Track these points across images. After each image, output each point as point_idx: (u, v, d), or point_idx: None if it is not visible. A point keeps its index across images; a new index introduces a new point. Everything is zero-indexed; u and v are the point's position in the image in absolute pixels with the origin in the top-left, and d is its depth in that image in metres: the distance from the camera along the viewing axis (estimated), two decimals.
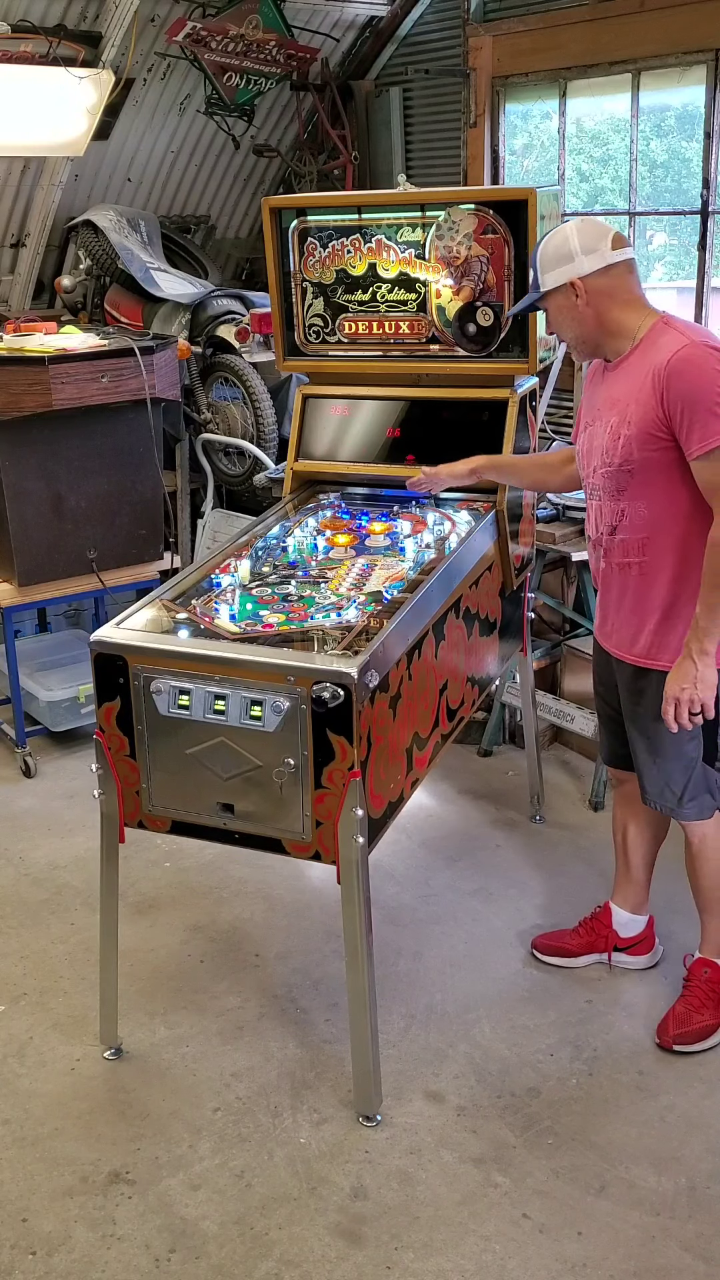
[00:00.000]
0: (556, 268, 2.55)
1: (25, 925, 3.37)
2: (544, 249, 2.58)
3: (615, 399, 2.55)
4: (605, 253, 2.52)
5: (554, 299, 2.59)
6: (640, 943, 3.08)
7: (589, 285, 2.53)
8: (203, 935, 3.30)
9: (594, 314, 2.54)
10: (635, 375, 2.50)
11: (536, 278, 2.60)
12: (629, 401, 2.50)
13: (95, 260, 5.31)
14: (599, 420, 2.61)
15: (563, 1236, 2.32)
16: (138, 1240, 2.33)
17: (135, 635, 2.57)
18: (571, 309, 2.56)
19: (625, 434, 2.50)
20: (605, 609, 2.75)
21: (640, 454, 2.49)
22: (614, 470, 2.55)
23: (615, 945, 3.07)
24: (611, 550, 2.64)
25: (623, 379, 2.54)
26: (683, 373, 2.39)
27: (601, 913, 3.10)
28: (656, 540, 2.55)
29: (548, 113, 5.17)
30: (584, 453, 2.70)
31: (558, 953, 3.10)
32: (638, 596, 2.62)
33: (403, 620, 2.57)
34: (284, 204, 3.37)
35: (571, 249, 2.53)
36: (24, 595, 4.21)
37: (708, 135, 4.44)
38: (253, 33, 5.26)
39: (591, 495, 2.69)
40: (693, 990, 2.86)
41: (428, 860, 3.66)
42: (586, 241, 2.53)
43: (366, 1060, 2.54)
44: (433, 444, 3.29)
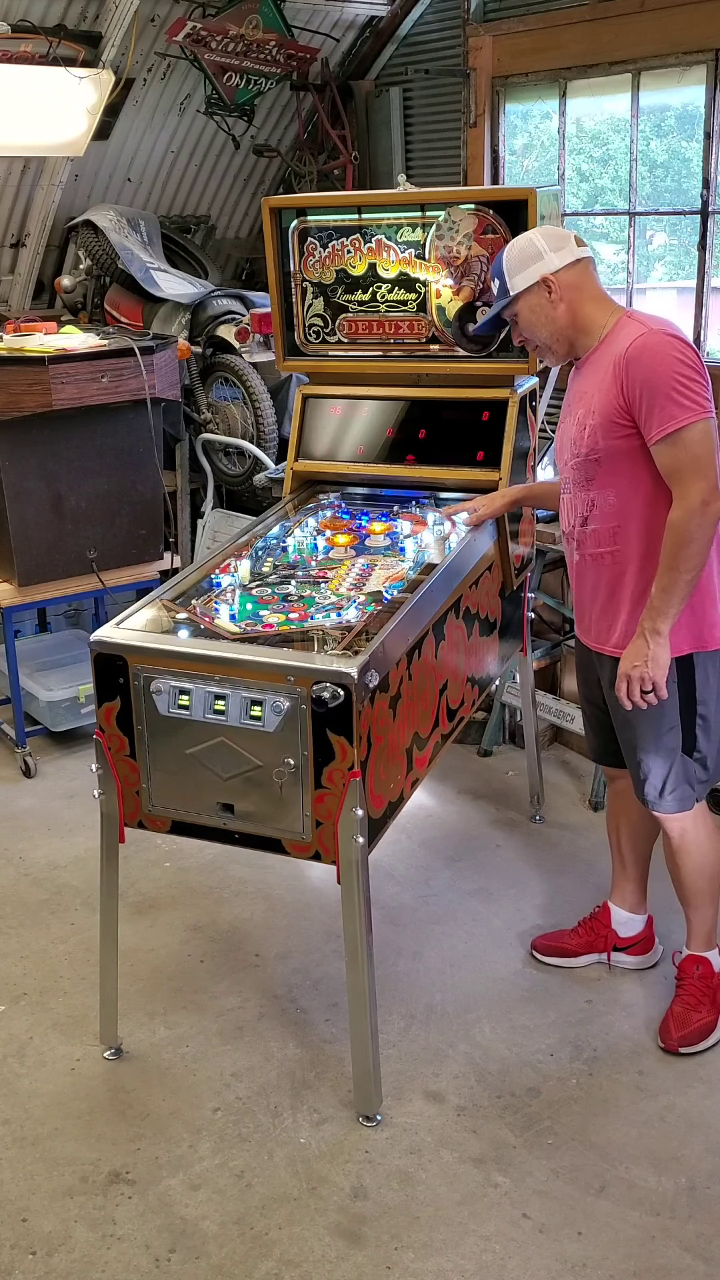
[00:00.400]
0: (525, 269, 2.59)
1: (25, 925, 3.37)
2: (507, 255, 2.63)
3: (583, 392, 2.59)
4: (572, 248, 2.59)
5: (525, 300, 2.61)
6: (639, 942, 3.08)
7: (561, 281, 2.57)
8: (203, 935, 3.30)
9: (567, 310, 2.59)
10: (600, 368, 2.54)
11: (503, 285, 2.63)
12: (594, 393, 2.54)
13: (95, 260, 5.31)
14: (569, 415, 2.66)
15: (563, 1236, 2.32)
16: (138, 1240, 2.33)
17: (135, 635, 2.57)
18: (544, 308, 2.60)
19: (590, 424, 2.54)
20: (581, 603, 2.77)
21: (605, 442, 2.53)
22: (582, 460, 2.59)
23: (615, 945, 3.07)
24: (584, 541, 2.67)
25: (590, 373, 2.59)
26: (640, 359, 2.44)
27: (600, 912, 3.10)
28: (625, 528, 2.58)
29: (548, 113, 5.17)
30: (557, 448, 2.75)
31: (557, 953, 3.10)
32: (611, 586, 2.64)
33: (403, 620, 2.57)
34: (284, 204, 3.37)
35: (539, 248, 2.58)
36: (24, 595, 4.21)
37: (708, 135, 4.44)
38: (253, 33, 5.27)
39: (564, 489, 2.73)
40: (686, 989, 2.85)
41: (428, 860, 3.66)
42: (551, 240, 2.60)
43: (366, 1060, 2.54)
44: (433, 444, 3.29)
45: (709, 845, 2.78)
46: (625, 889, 3.07)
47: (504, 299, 2.65)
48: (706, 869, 2.80)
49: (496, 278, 2.66)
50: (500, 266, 2.64)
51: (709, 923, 2.85)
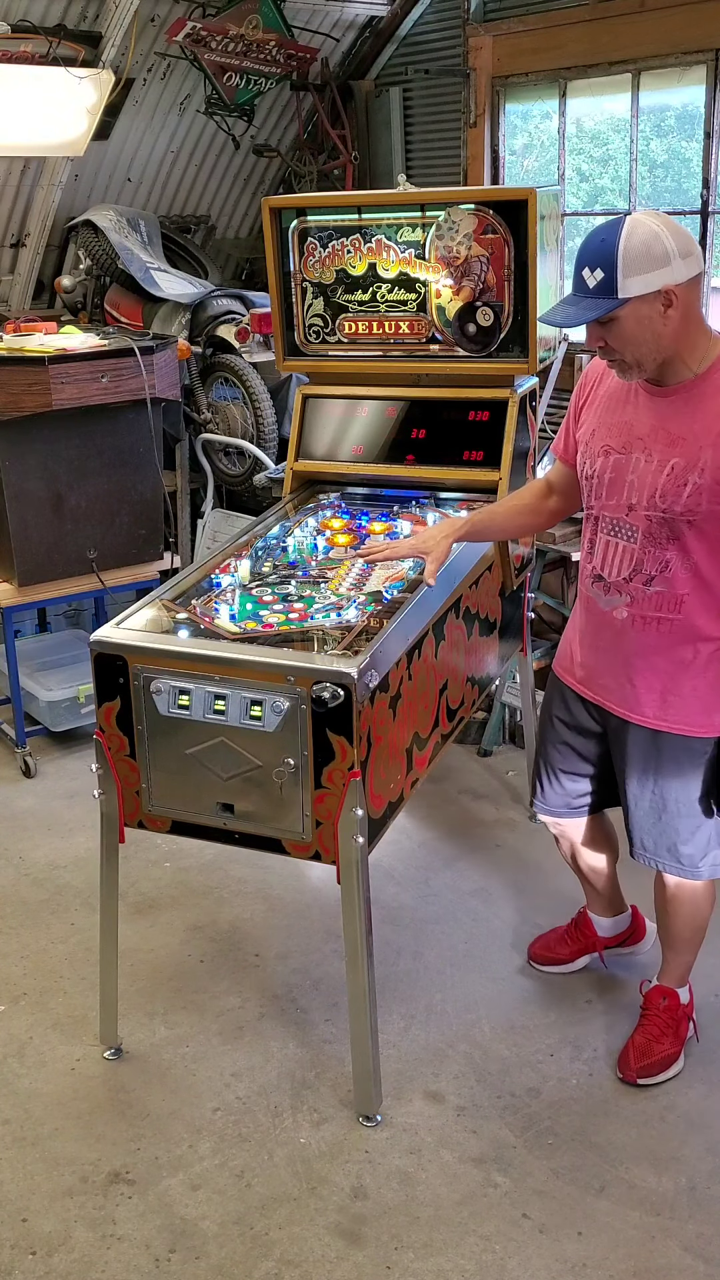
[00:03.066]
0: (646, 270, 2.12)
1: (25, 925, 3.37)
2: (627, 246, 2.11)
3: (674, 435, 2.23)
4: (698, 257, 2.18)
5: (635, 308, 2.15)
6: (631, 934, 3.07)
7: (681, 295, 2.15)
8: (203, 935, 3.30)
9: (676, 331, 2.18)
10: (707, 412, 2.18)
11: (609, 281, 2.13)
12: (700, 444, 2.19)
13: (95, 260, 5.31)
14: (640, 451, 2.28)
15: (563, 1236, 2.32)
16: (138, 1240, 2.33)
17: (135, 635, 2.57)
18: (654, 322, 2.16)
19: (695, 481, 2.20)
20: (605, 660, 2.48)
21: (710, 506, 2.21)
22: (670, 518, 2.25)
23: (606, 945, 3.06)
24: (640, 600, 2.35)
25: (683, 412, 2.22)
26: None
27: (581, 921, 3.06)
28: (696, 597, 2.30)
29: (548, 113, 5.17)
30: (605, 481, 2.36)
31: (552, 962, 3.07)
32: (664, 653, 2.36)
33: (403, 620, 2.57)
34: (284, 204, 3.37)
35: (667, 249, 2.12)
36: (24, 595, 4.21)
37: (708, 135, 4.45)
38: (253, 33, 5.26)
39: (614, 532, 2.37)
40: (650, 1019, 2.75)
41: (428, 860, 3.66)
42: (682, 242, 2.15)
43: (366, 1060, 2.54)
44: (433, 444, 3.29)
45: (705, 896, 2.67)
46: (601, 903, 3.02)
47: (607, 299, 2.15)
48: (697, 918, 2.69)
49: (600, 269, 2.14)
50: (610, 256, 2.12)
51: (686, 965, 2.77)
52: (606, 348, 2.22)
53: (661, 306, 2.14)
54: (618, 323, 2.17)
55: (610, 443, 2.33)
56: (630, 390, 2.31)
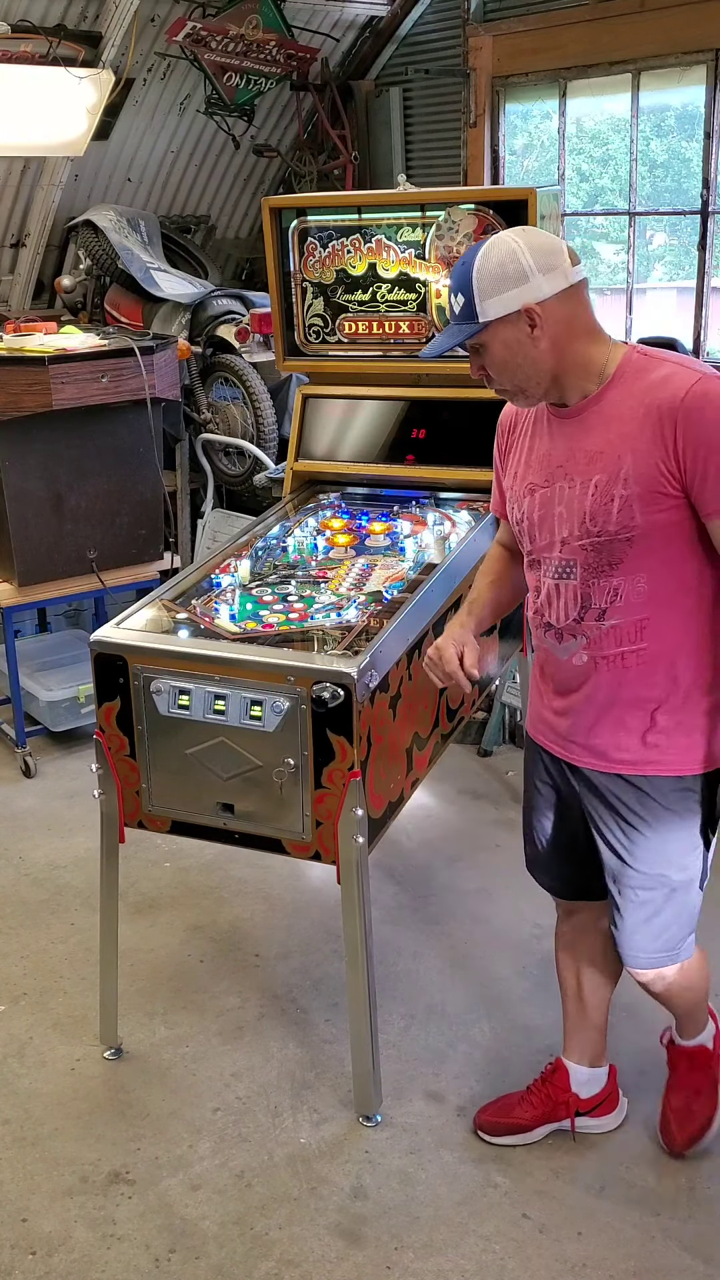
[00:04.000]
0: (502, 291, 1.98)
1: (25, 925, 3.37)
2: (481, 268, 1.99)
3: (594, 452, 2.02)
4: (566, 270, 1.99)
5: (498, 332, 2.01)
6: (605, 1100, 2.57)
7: (549, 313, 1.98)
8: (203, 935, 3.30)
9: (553, 349, 2.01)
10: (622, 419, 1.99)
11: (470, 306, 2.01)
12: (620, 453, 1.98)
13: (95, 260, 5.31)
14: (563, 480, 2.07)
15: (563, 1236, 2.32)
16: (138, 1240, 2.33)
17: (135, 635, 2.57)
18: (524, 345, 2.00)
19: (622, 494, 1.98)
20: (572, 713, 2.19)
21: (644, 517, 1.98)
22: (606, 541, 2.03)
23: (577, 1110, 2.54)
24: (600, 640, 2.09)
25: (598, 427, 2.02)
26: (704, 413, 1.91)
27: (556, 1075, 2.55)
28: (658, 619, 2.06)
29: (548, 113, 5.18)
30: (535, 521, 2.13)
31: (508, 1130, 2.54)
32: (634, 691, 2.10)
33: (403, 620, 2.58)
34: (284, 204, 3.37)
35: (523, 266, 1.97)
36: (24, 595, 4.21)
37: (708, 135, 4.45)
38: (253, 33, 5.27)
39: (556, 574, 2.12)
40: (681, 1076, 2.51)
41: (428, 860, 3.66)
42: (541, 256, 1.98)
43: (366, 1060, 2.54)
44: (433, 444, 3.29)
45: (701, 974, 2.38)
46: (585, 1041, 2.54)
47: (467, 325, 2.02)
48: (697, 992, 2.41)
49: (460, 294, 2.01)
50: (467, 280, 2.00)
51: (701, 1019, 2.51)
52: (488, 376, 2.09)
53: (527, 327, 1.98)
54: (488, 350, 2.04)
55: (533, 480, 2.14)
56: (542, 421, 2.14)
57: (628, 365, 2.02)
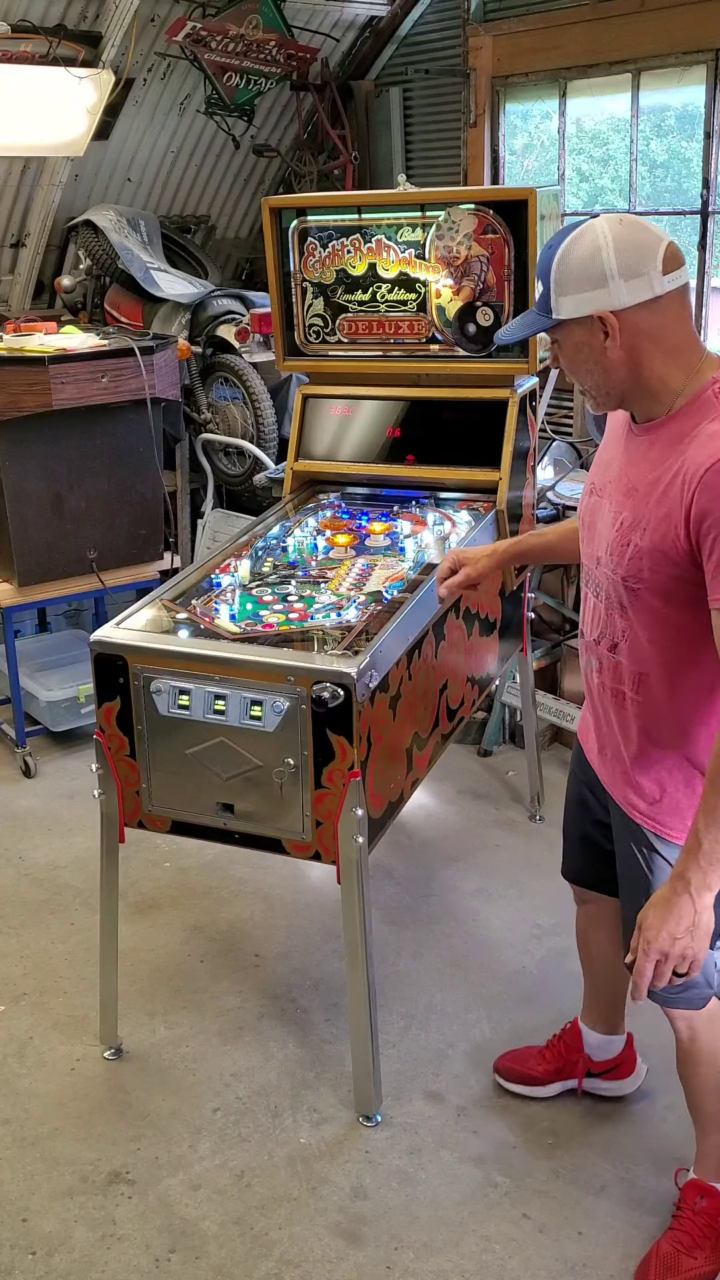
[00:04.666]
0: (579, 290, 1.81)
1: (25, 925, 3.37)
2: (564, 259, 1.83)
3: (633, 484, 1.89)
4: (654, 278, 1.79)
5: (571, 332, 1.86)
6: (619, 1065, 2.63)
7: (626, 323, 1.80)
8: (203, 935, 3.30)
9: (627, 361, 1.84)
10: (663, 459, 1.83)
11: (546, 297, 1.86)
12: (648, 498, 1.84)
13: (95, 260, 5.31)
14: (608, 497, 1.96)
15: (563, 1236, 2.32)
16: (138, 1240, 2.33)
17: (135, 635, 2.57)
18: (594, 350, 1.84)
19: (636, 543, 1.86)
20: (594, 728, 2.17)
21: (651, 575, 1.86)
22: (618, 580, 1.92)
23: (589, 1070, 2.63)
24: (604, 668, 2.04)
25: (647, 456, 1.87)
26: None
27: (570, 1033, 2.66)
28: (653, 680, 1.94)
29: (548, 113, 5.18)
30: (586, 526, 2.05)
31: (521, 1079, 2.66)
32: (628, 735, 2.04)
33: (403, 620, 2.57)
34: (284, 204, 3.37)
35: (605, 268, 1.79)
36: (24, 595, 4.21)
37: (708, 135, 4.45)
38: (253, 33, 5.27)
39: (589, 585, 2.06)
40: (683, 1224, 2.23)
41: (428, 860, 3.66)
42: (628, 260, 1.78)
43: (366, 1060, 2.54)
44: (433, 444, 3.29)
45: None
46: (599, 1010, 2.61)
47: (541, 317, 1.89)
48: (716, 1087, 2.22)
49: (540, 282, 1.87)
50: (548, 269, 1.85)
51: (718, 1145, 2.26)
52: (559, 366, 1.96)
53: (601, 334, 1.82)
54: (560, 345, 1.90)
55: (595, 481, 2.03)
56: (621, 424, 1.99)
57: (700, 400, 1.82)
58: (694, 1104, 2.26)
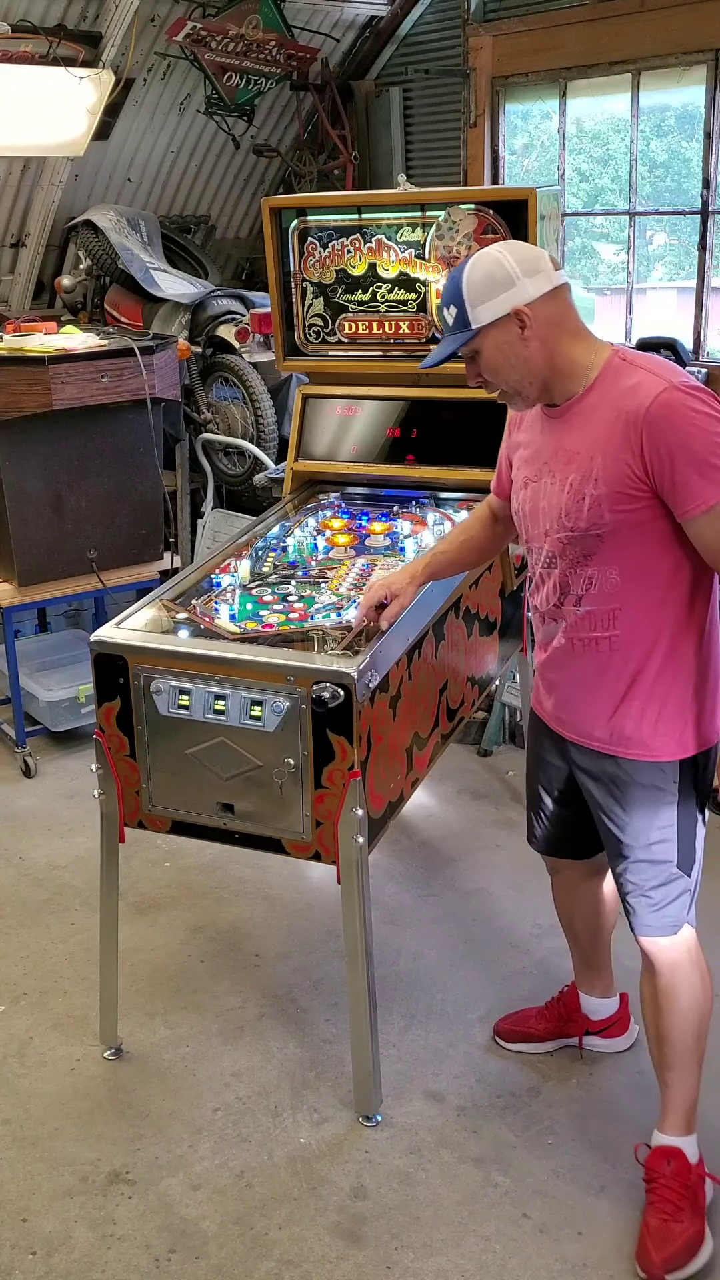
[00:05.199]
0: (491, 297, 2.09)
1: (25, 925, 3.37)
2: (469, 278, 2.12)
3: (571, 452, 2.14)
4: (549, 273, 2.11)
5: (491, 336, 2.12)
6: (614, 1024, 2.78)
7: (537, 314, 2.09)
8: (203, 935, 3.30)
9: (543, 349, 2.11)
10: (596, 423, 2.10)
11: (462, 316, 2.12)
12: (593, 454, 2.10)
13: (95, 260, 5.31)
14: (547, 476, 2.20)
15: (563, 1236, 2.32)
16: (138, 1240, 2.33)
17: (135, 635, 2.57)
18: (515, 346, 2.11)
19: (592, 494, 2.10)
20: (556, 688, 2.34)
21: (613, 515, 2.09)
22: (579, 535, 2.14)
23: (586, 1029, 2.78)
24: (575, 623, 2.22)
25: (577, 427, 2.14)
26: (670, 422, 2.00)
27: (568, 995, 2.80)
28: (630, 611, 2.16)
29: (548, 113, 5.18)
30: (526, 514, 2.27)
31: (521, 1039, 2.81)
32: (606, 676, 2.22)
33: (403, 620, 2.57)
34: (284, 204, 3.37)
35: (509, 272, 2.09)
36: (24, 595, 4.21)
37: (708, 135, 4.45)
38: (253, 33, 5.27)
39: (539, 562, 2.27)
40: (659, 1193, 2.29)
41: (428, 860, 3.66)
42: (525, 262, 2.11)
43: (366, 1060, 2.54)
44: (433, 444, 3.29)
45: (702, 989, 2.31)
46: (591, 977, 2.76)
47: (462, 333, 2.14)
48: (694, 1021, 2.30)
49: (453, 305, 2.14)
50: (458, 291, 2.13)
51: (690, 1096, 2.32)
52: (485, 382, 2.21)
53: (518, 328, 2.10)
54: (482, 354, 2.16)
55: (527, 474, 2.27)
56: (537, 420, 2.26)
57: (609, 369, 2.12)
58: (666, 1044, 2.32)
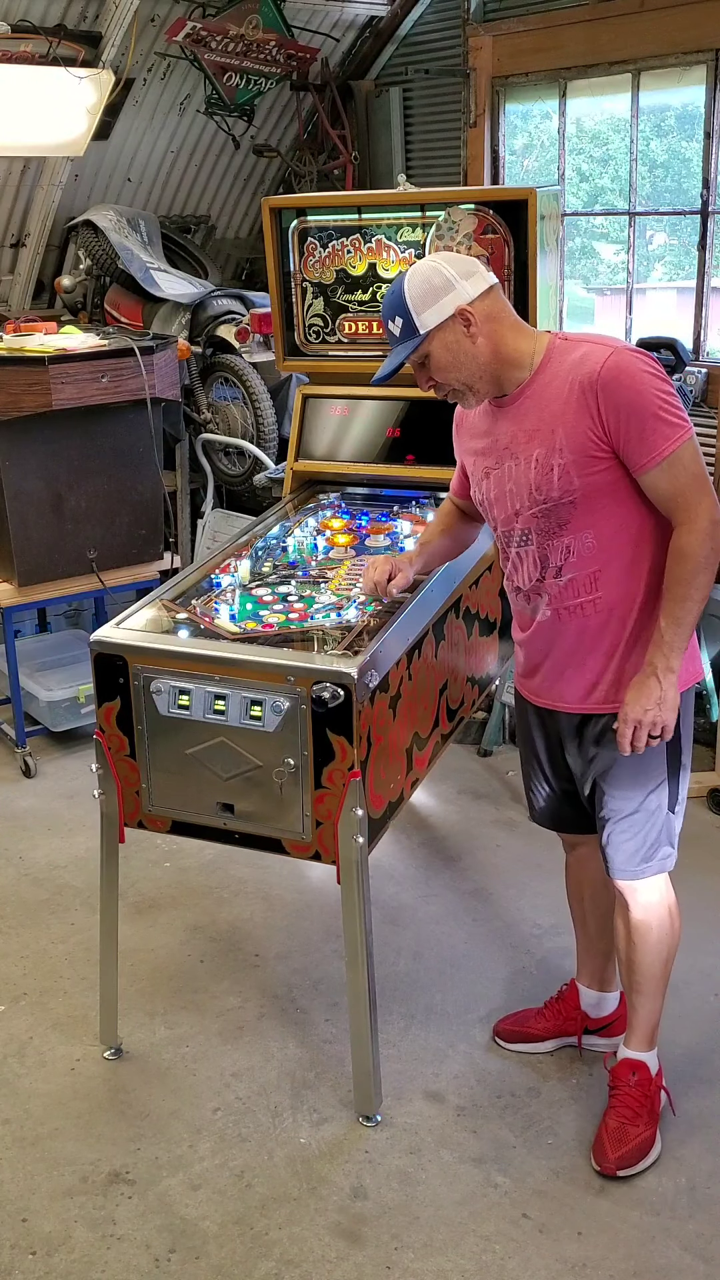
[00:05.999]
0: (434, 302, 2.24)
1: (25, 925, 3.37)
2: (409, 289, 2.26)
3: (531, 431, 2.27)
4: (483, 274, 2.28)
5: (438, 339, 2.25)
6: (614, 1022, 2.80)
7: (479, 312, 2.24)
8: (203, 935, 3.30)
9: (489, 344, 2.26)
10: (551, 399, 2.23)
11: (409, 324, 2.26)
12: (553, 427, 2.23)
13: (95, 260, 5.31)
14: (509, 460, 2.32)
15: (563, 1236, 2.32)
16: (138, 1240, 2.33)
17: (135, 635, 2.57)
18: (463, 344, 2.25)
19: (559, 463, 2.22)
20: (545, 664, 2.43)
21: (581, 480, 2.22)
22: (551, 506, 2.27)
23: (586, 1027, 2.81)
24: (559, 594, 2.34)
25: (533, 409, 2.27)
26: (620, 382, 2.15)
27: (568, 993, 2.83)
28: (609, 570, 2.29)
29: (548, 113, 5.18)
30: (493, 500, 2.39)
31: (521, 1039, 2.83)
32: (594, 637, 2.34)
33: (403, 620, 2.58)
34: (284, 204, 3.37)
35: (447, 277, 2.24)
36: (24, 595, 4.21)
37: (708, 135, 4.45)
38: (253, 33, 5.27)
39: (514, 543, 2.38)
40: (621, 1099, 2.52)
41: (428, 860, 3.66)
42: (460, 267, 2.27)
43: (366, 1060, 2.54)
44: (433, 444, 3.29)
45: (674, 921, 2.50)
46: (594, 966, 2.78)
47: (411, 340, 2.26)
48: (664, 951, 2.49)
49: (397, 316, 2.27)
50: (401, 303, 2.26)
51: (654, 1016, 2.53)
52: (437, 384, 2.33)
53: (463, 327, 2.24)
54: (432, 357, 2.28)
55: (487, 464, 2.39)
56: (487, 414, 2.38)
57: (552, 350, 2.26)
58: (637, 972, 2.50)
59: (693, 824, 3.08)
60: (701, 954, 3.09)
